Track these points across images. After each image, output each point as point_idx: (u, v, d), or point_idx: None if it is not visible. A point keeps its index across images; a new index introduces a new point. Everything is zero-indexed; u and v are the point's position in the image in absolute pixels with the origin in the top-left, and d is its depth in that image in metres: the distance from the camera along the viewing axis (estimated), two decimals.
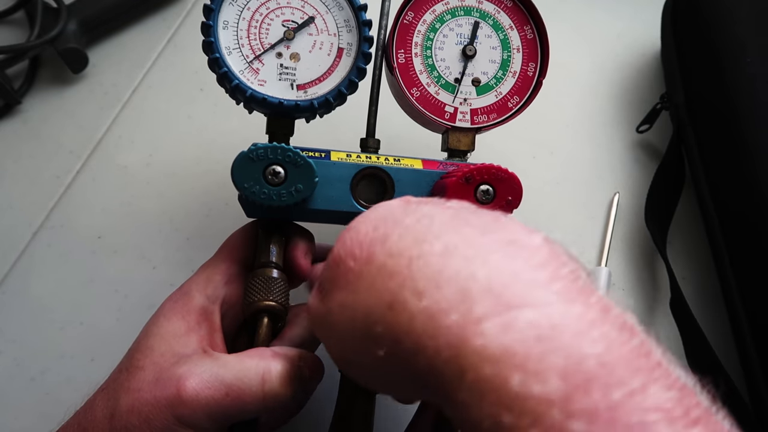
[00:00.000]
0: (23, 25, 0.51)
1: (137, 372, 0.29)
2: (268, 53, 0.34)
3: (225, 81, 0.34)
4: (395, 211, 0.24)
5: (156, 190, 0.47)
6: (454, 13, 0.37)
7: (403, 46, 0.37)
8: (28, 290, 0.43)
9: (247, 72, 0.34)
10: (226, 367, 0.28)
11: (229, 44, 0.34)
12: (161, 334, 0.30)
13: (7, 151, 0.47)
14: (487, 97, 0.37)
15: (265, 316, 0.32)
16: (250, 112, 0.37)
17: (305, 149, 0.34)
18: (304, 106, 0.34)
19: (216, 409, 0.27)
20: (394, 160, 0.35)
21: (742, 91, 0.44)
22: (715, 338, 0.43)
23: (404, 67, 0.36)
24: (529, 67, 0.38)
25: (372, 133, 0.37)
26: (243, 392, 0.28)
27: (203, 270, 0.34)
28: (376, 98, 0.37)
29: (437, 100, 0.37)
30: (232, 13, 0.34)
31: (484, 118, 0.37)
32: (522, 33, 0.38)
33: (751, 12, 0.46)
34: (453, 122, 0.37)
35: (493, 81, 0.38)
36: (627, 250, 0.49)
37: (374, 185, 0.35)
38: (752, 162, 0.42)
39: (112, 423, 0.27)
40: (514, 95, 0.38)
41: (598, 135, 0.53)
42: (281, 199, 0.32)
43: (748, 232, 0.42)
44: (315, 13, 0.35)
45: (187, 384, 0.27)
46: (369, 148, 0.37)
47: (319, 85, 0.35)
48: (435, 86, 0.37)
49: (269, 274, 0.33)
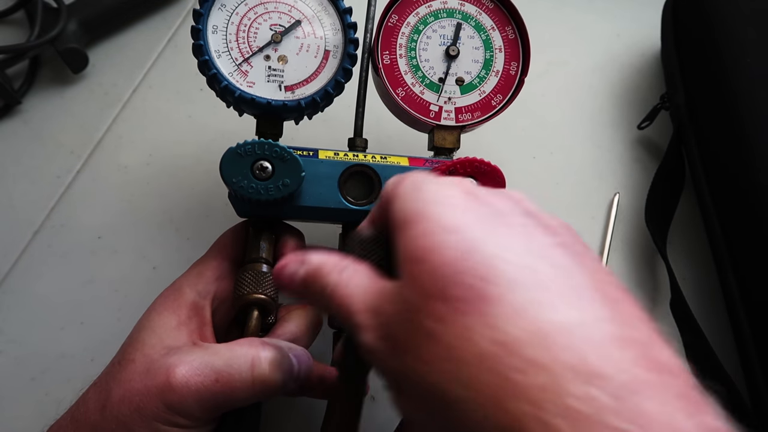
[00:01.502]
0: (23, 25, 0.51)
1: (128, 364, 0.29)
2: (257, 56, 0.36)
3: (214, 83, 0.35)
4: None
5: (156, 190, 0.47)
6: (437, 15, 0.39)
7: (388, 47, 0.38)
8: (29, 290, 0.43)
9: (236, 74, 0.35)
10: (216, 355, 0.29)
11: (219, 47, 0.35)
12: (152, 327, 0.31)
13: (7, 151, 0.47)
14: (470, 95, 0.38)
15: (255, 308, 0.33)
16: (240, 114, 0.37)
17: (294, 148, 0.34)
18: (291, 106, 0.35)
19: (206, 396, 0.27)
20: (381, 157, 0.36)
21: (742, 91, 0.44)
22: (715, 338, 0.43)
23: (389, 68, 0.38)
24: (512, 66, 0.39)
25: (359, 132, 0.38)
26: (233, 377, 0.28)
27: (194, 267, 0.35)
28: (363, 99, 0.38)
29: (422, 100, 0.38)
30: (221, 18, 0.35)
31: (469, 116, 0.38)
32: (504, 33, 0.39)
33: (751, 12, 0.46)
34: (438, 120, 0.38)
35: (477, 80, 0.39)
36: (627, 251, 0.49)
37: (362, 182, 0.36)
38: (752, 162, 0.42)
39: (104, 414, 0.28)
40: (498, 94, 0.39)
41: (598, 135, 0.53)
42: (269, 194, 0.32)
43: (748, 233, 0.42)
44: (302, 17, 0.37)
45: (177, 371, 0.27)
46: (356, 147, 0.38)
47: (307, 86, 0.36)
48: (420, 86, 0.38)
49: (259, 269, 0.34)
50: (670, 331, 0.46)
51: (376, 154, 0.36)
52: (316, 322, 0.36)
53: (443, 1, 0.39)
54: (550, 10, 0.57)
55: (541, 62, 0.54)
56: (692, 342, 0.43)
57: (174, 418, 0.27)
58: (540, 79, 0.53)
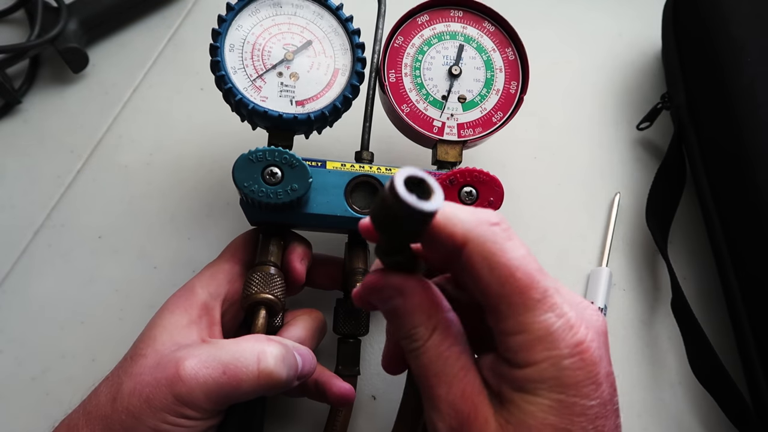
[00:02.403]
0: (23, 24, 0.51)
1: (139, 359, 0.30)
2: (270, 72, 0.38)
3: (230, 96, 0.37)
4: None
5: (157, 190, 0.47)
6: (440, 37, 0.41)
7: (394, 66, 0.40)
8: (29, 290, 0.43)
9: (250, 89, 0.37)
10: (223, 349, 0.30)
11: (235, 64, 0.37)
12: (164, 325, 0.32)
13: (7, 151, 0.47)
14: (472, 112, 0.40)
15: (262, 308, 0.34)
16: (254, 128, 0.39)
17: (303, 159, 0.35)
18: (301, 119, 0.37)
19: (213, 388, 0.28)
20: (386, 169, 0.38)
21: (742, 91, 0.44)
22: (716, 338, 0.43)
23: (395, 85, 0.39)
24: (512, 85, 0.41)
25: (366, 146, 0.40)
26: (239, 370, 0.29)
27: (208, 268, 0.36)
28: (370, 115, 0.40)
29: (426, 116, 0.40)
30: (237, 37, 0.38)
31: (470, 132, 0.40)
32: (504, 54, 0.41)
33: (751, 12, 0.46)
34: (441, 135, 0.40)
35: (478, 98, 0.40)
36: (628, 250, 0.49)
37: (367, 192, 0.37)
38: (753, 162, 0.42)
39: (114, 406, 0.28)
40: (498, 111, 0.40)
41: (599, 135, 0.53)
42: (278, 198, 0.34)
43: (749, 232, 0.42)
44: (313, 38, 0.39)
45: (186, 363, 0.28)
46: (363, 160, 0.39)
47: (316, 101, 0.38)
48: (424, 103, 0.40)
49: (268, 271, 0.35)
50: (671, 331, 0.46)
51: (381, 165, 0.38)
52: (321, 328, 0.37)
53: (446, 24, 0.41)
54: (552, 9, 0.57)
55: (543, 62, 0.54)
56: (693, 342, 0.43)
57: (182, 409, 0.28)
58: (541, 79, 0.53)
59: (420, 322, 0.25)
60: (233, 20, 0.37)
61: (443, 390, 0.24)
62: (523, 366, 0.23)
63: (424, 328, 0.25)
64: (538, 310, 0.23)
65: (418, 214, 0.20)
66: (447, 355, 0.24)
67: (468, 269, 0.24)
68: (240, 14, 0.38)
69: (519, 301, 0.23)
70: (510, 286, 0.23)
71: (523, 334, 0.23)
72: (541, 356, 0.22)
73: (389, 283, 0.25)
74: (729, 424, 0.42)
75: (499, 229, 0.24)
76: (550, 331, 0.22)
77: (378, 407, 0.41)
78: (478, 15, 0.41)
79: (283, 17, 0.39)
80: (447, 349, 0.24)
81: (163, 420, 0.28)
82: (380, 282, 0.25)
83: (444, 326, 0.25)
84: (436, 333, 0.25)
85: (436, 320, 0.25)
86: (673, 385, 0.45)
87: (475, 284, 0.24)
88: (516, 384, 0.23)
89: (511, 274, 0.23)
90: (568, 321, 0.23)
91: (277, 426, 0.40)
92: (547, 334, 0.22)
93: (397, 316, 0.25)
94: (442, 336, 0.25)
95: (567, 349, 0.22)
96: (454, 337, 0.25)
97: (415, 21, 0.41)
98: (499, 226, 0.24)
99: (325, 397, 0.35)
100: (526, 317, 0.23)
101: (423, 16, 0.41)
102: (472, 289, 0.24)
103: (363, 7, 0.42)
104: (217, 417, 0.30)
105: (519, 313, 0.23)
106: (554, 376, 0.22)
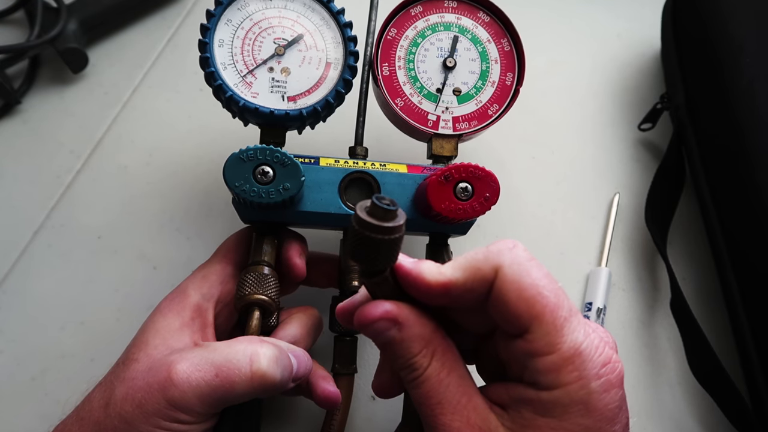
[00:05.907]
0: (23, 24, 0.51)
1: (132, 363, 0.30)
2: (261, 68, 0.37)
3: (220, 93, 0.36)
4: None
5: (156, 190, 0.47)
6: (434, 28, 0.40)
7: (387, 59, 0.39)
8: (28, 290, 0.43)
9: (240, 85, 0.36)
10: (216, 351, 0.29)
11: (224, 60, 0.37)
12: (156, 328, 0.31)
13: (7, 151, 0.47)
14: (467, 105, 0.39)
15: (256, 309, 0.33)
16: (245, 124, 0.38)
17: (296, 156, 0.35)
18: (293, 115, 0.36)
19: (206, 391, 0.28)
20: (380, 165, 0.37)
21: (741, 91, 0.44)
22: (715, 338, 0.43)
23: (389, 79, 0.39)
24: (507, 77, 0.40)
25: (360, 141, 0.39)
26: (232, 372, 0.28)
27: (200, 270, 0.35)
28: (364, 110, 0.39)
29: (420, 109, 0.39)
30: (227, 32, 0.37)
31: (466, 125, 0.39)
32: (499, 45, 0.40)
33: (750, 12, 0.46)
34: (436, 129, 0.39)
35: (473, 90, 0.40)
36: (627, 251, 0.49)
37: (361, 188, 0.37)
38: (752, 162, 0.42)
39: (107, 411, 0.28)
40: (494, 103, 0.40)
41: (598, 135, 0.53)
42: (270, 197, 0.33)
43: (748, 233, 0.41)
44: (304, 31, 0.38)
45: (177, 367, 0.28)
46: (357, 155, 0.39)
47: (308, 97, 0.37)
48: (418, 96, 0.39)
49: (261, 271, 0.34)
50: (670, 331, 0.46)
51: (376, 161, 0.37)
52: (317, 325, 0.37)
53: (440, 15, 0.40)
54: (551, 10, 0.57)
55: (542, 62, 0.54)
56: (692, 342, 0.43)
57: (175, 413, 0.28)
58: (540, 79, 0.53)
59: (418, 350, 0.25)
60: (222, 15, 0.37)
61: (447, 418, 0.24)
62: (552, 388, 0.23)
63: (422, 356, 0.25)
64: (566, 328, 0.23)
65: (384, 229, 0.21)
66: (448, 382, 0.24)
67: (497, 297, 0.24)
68: (229, 8, 0.37)
69: (549, 320, 0.23)
70: (540, 305, 0.23)
71: (553, 355, 0.23)
72: (570, 377, 0.22)
73: (383, 314, 0.24)
74: (728, 424, 0.41)
75: (520, 250, 0.24)
76: (579, 351, 0.23)
77: (377, 408, 0.41)
78: (473, 5, 0.41)
79: (273, 11, 0.38)
80: (447, 375, 0.24)
81: (156, 425, 0.27)
82: (373, 314, 0.25)
83: (442, 352, 0.25)
84: (435, 360, 0.25)
85: (434, 346, 0.25)
86: (672, 385, 0.44)
87: (503, 310, 0.24)
88: (542, 408, 0.23)
89: (539, 293, 0.23)
90: (592, 341, 0.23)
91: (274, 427, 0.40)
92: (576, 354, 0.23)
93: (393, 346, 0.25)
94: (441, 362, 0.25)
95: (594, 369, 0.23)
96: (452, 362, 0.25)
97: (408, 12, 0.40)
98: (518, 248, 0.24)
99: (311, 397, 0.35)
100: (555, 337, 0.23)
101: (416, 7, 0.40)
102: (495, 316, 0.24)
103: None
104: (211, 420, 0.30)
105: (549, 333, 0.23)
106: (583, 400, 0.22)
